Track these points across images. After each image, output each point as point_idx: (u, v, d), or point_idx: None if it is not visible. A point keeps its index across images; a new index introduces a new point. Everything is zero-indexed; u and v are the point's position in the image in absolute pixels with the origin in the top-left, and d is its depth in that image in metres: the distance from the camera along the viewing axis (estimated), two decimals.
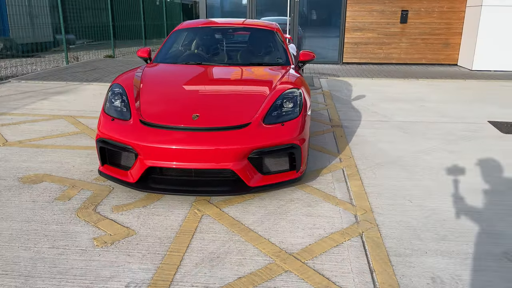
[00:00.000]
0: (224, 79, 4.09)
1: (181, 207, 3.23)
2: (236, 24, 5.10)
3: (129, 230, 2.90)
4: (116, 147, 3.32)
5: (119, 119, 3.42)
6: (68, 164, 4.08)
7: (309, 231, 2.90)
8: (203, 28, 5.13)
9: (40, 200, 3.32)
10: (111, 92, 3.69)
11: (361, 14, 11.18)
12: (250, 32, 5.12)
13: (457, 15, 11.05)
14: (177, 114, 3.37)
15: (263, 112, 3.40)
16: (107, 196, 3.40)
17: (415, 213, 3.17)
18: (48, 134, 5.00)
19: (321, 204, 3.31)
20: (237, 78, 4.10)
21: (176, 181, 3.29)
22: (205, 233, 2.88)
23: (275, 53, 4.76)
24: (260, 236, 2.84)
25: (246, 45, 5.00)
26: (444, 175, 3.89)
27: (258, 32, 5.06)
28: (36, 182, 3.64)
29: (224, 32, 5.13)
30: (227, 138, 3.15)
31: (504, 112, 6.32)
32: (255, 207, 3.26)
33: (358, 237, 2.84)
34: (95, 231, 2.88)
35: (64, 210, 3.16)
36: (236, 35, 5.16)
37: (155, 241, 2.76)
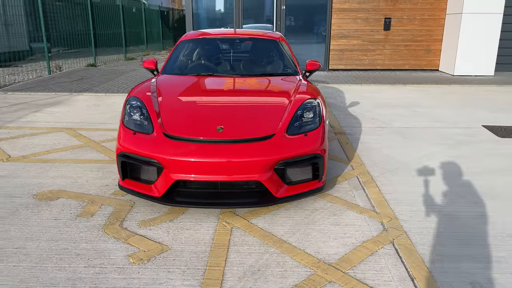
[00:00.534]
0: (241, 90, 4.10)
1: (208, 220, 3.22)
2: (242, 35, 5.13)
3: (162, 245, 2.87)
4: (139, 161, 3.29)
5: (141, 133, 3.38)
6: (81, 179, 4.00)
7: (342, 241, 2.95)
8: (210, 38, 5.14)
9: (62, 217, 3.24)
10: (129, 105, 3.65)
11: (346, 21, 11.40)
12: (257, 42, 5.16)
13: (437, 23, 11.41)
14: (201, 126, 3.36)
15: (285, 123, 3.43)
16: (130, 211, 3.36)
17: (438, 219, 3.26)
18: (52, 148, 4.88)
19: (345, 212, 3.36)
20: (254, 89, 4.12)
21: (202, 193, 3.28)
22: (239, 246, 2.88)
23: (283, 62, 4.81)
24: (295, 247, 2.87)
25: (254, 55, 5.03)
26: (455, 180, 4.02)
27: (265, 42, 5.11)
28: (52, 199, 3.56)
29: (231, 42, 5.16)
30: (254, 150, 3.17)
31: (494, 116, 6.56)
32: (282, 217, 3.28)
33: (390, 244, 2.90)
34: (128, 247, 2.84)
35: (90, 227, 3.11)
36: (242, 45, 5.19)
37: (192, 256, 2.75)
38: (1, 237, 2.95)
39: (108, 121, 6.14)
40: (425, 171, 4.24)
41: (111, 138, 5.30)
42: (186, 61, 4.91)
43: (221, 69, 4.73)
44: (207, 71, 4.65)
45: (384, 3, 11.25)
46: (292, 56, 4.92)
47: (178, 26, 27.36)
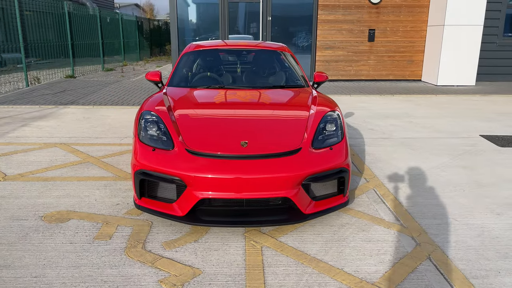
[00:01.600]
0: (257, 103, 3.99)
1: (235, 239, 3.08)
2: (248, 46, 5.04)
3: (193, 269, 2.71)
4: (160, 179, 3.12)
5: (160, 149, 3.22)
6: (89, 198, 3.78)
7: (378, 258, 2.86)
8: (215, 50, 5.01)
9: (78, 240, 3.03)
10: (144, 120, 3.48)
11: (331, 32, 11.50)
12: (264, 53, 5.07)
13: (419, 34, 11.67)
14: (225, 141, 3.23)
15: (310, 136, 3.34)
16: (150, 232, 3.17)
17: (467, 232, 3.23)
18: (49, 165, 4.62)
19: (373, 227, 3.28)
20: (270, 102, 4.02)
21: (226, 211, 3.14)
22: (274, 267, 2.75)
23: (293, 74, 4.74)
24: (332, 266, 2.76)
25: (262, 67, 4.94)
26: (471, 191, 4.02)
27: (272, 54, 5.03)
28: (63, 221, 3.33)
29: (238, 53, 5.05)
30: (282, 165, 3.06)
31: (487, 126, 6.69)
32: (311, 235, 3.17)
33: (427, 260, 2.83)
34: (157, 272, 2.66)
35: (111, 250, 2.91)
36: (249, 57, 5.09)
37: (227, 279, 2.60)
38: (16, 265, 2.71)
39: (103, 135, 5.90)
40: (439, 183, 4.23)
41: (110, 153, 5.08)
42: (193, 73, 4.76)
43: (231, 81, 4.61)
44: (217, 84, 4.52)
45: (368, 15, 11.43)
46: (300, 67, 4.86)
47: (153, 37, 27.05)
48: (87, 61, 15.81)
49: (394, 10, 11.42)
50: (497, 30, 11.51)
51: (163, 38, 28.96)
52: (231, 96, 4.12)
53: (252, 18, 11.57)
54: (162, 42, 28.53)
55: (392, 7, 11.39)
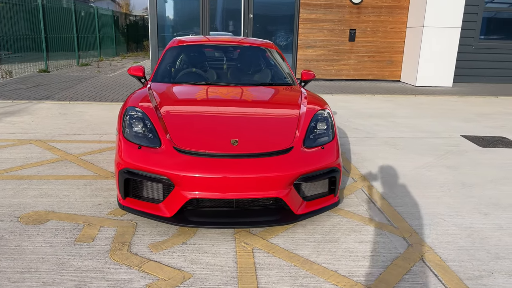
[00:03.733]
0: (246, 100, 3.88)
1: (225, 241, 2.97)
2: (234, 42, 4.92)
3: (183, 272, 2.59)
4: (146, 178, 2.99)
5: (147, 147, 3.08)
6: (68, 197, 3.60)
7: (371, 259, 2.81)
8: (202, 45, 4.88)
9: (58, 243, 2.86)
10: (129, 116, 3.33)
11: (313, 31, 11.49)
12: (251, 50, 4.97)
13: (398, 35, 11.79)
14: (214, 140, 3.12)
15: (301, 135, 3.27)
16: (135, 233, 3.04)
17: (456, 232, 3.22)
18: (25, 163, 4.40)
19: (364, 228, 3.24)
20: (259, 99, 3.92)
21: (215, 212, 3.03)
22: (267, 269, 2.66)
23: (281, 72, 4.66)
24: (326, 268, 2.69)
25: (249, 64, 4.84)
26: (456, 191, 4.03)
27: (259, 51, 4.93)
28: (41, 222, 3.15)
29: (225, 50, 4.93)
30: (274, 164, 2.97)
31: (467, 126, 6.78)
32: (302, 236, 3.10)
33: (420, 261, 2.80)
34: (144, 276, 2.53)
35: (94, 253, 2.76)
36: (235, 53, 4.97)
37: (219, 284, 2.50)
38: None
39: (80, 132, 5.68)
40: (426, 183, 4.23)
41: (90, 151, 4.88)
42: (178, 68, 4.62)
43: (218, 77, 4.49)
44: (203, 80, 4.39)
45: (349, 15, 11.47)
46: (287, 64, 4.78)
47: (130, 32, 26.51)
48: (61, 55, 15.31)
49: (375, 11, 11.50)
50: (474, 33, 11.75)
51: (140, 34, 28.44)
52: (218, 93, 4.00)
53: (233, 16, 11.44)
54: (139, 38, 28.01)
55: (372, 8, 11.47)
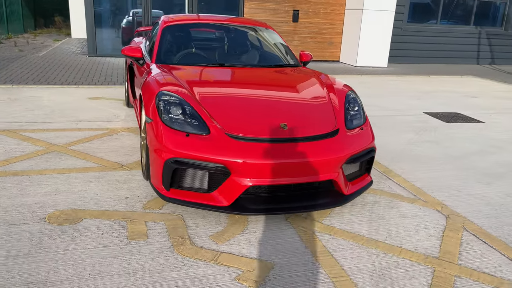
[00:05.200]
0: (275, 83, 3.76)
1: (282, 227, 2.94)
2: (232, 21, 4.72)
3: (263, 261, 2.52)
4: (198, 167, 2.82)
5: (194, 134, 2.89)
6: (86, 192, 3.27)
7: (424, 233, 2.97)
8: (201, 24, 4.61)
9: (111, 243, 2.61)
10: (163, 102, 3.08)
11: (257, 11, 11.44)
12: (250, 30, 4.81)
13: (338, 17, 12.23)
14: (263, 124, 3.02)
15: (341, 117, 3.30)
16: (188, 226, 2.87)
17: (477, 201, 3.52)
18: (8, 157, 3.87)
19: (399, 204, 3.40)
20: (286, 82, 3.83)
21: (268, 198, 2.97)
22: (340, 251, 2.69)
23: (285, 53, 4.60)
24: (392, 245, 2.80)
25: (255, 45, 4.69)
26: (452, 164, 4.37)
27: (260, 31, 4.79)
28: (75, 221, 2.83)
29: (226, 30, 4.70)
30: (326, 147, 2.98)
31: (421, 104, 7.33)
32: (349, 216, 3.17)
33: (465, 231, 3.03)
34: (226, 269, 2.42)
35: (158, 251, 2.56)
36: (236, 33, 4.78)
37: (304, 269, 2.47)
38: (54, 279, 2.24)
39: (49, 120, 5.12)
40: (422, 157, 4.53)
41: (75, 140, 4.43)
42: (183, 49, 4.33)
43: (227, 59, 4.31)
44: (215, 61, 4.19)
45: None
46: (287, 45, 4.74)
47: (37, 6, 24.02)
48: None
49: None
50: (403, 17, 12.58)
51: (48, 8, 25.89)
52: (242, 75, 3.85)
53: None
54: (48, 13, 25.50)
55: None
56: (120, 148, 4.27)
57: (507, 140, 5.34)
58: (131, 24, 11.44)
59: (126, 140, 4.51)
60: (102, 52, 10.90)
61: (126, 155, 4.09)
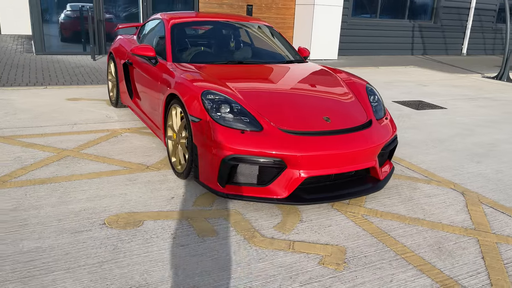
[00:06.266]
0: (299, 79, 3.91)
1: (332, 213, 3.14)
2: (235, 19, 4.77)
3: (336, 246, 2.71)
4: (256, 162, 2.93)
5: (249, 131, 2.99)
6: (128, 195, 3.23)
7: (452, 208, 3.33)
8: (206, 22, 4.61)
9: (186, 242, 2.65)
10: (209, 101, 3.13)
11: (213, 6, 11.43)
12: (255, 28, 4.89)
13: (289, 11, 12.58)
14: (309, 118, 3.19)
15: (369, 109, 3.56)
16: (248, 219, 2.97)
17: (479, 179, 3.97)
18: (23, 165, 3.67)
19: (418, 185, 3.75)
20: (308, 77, 3.99)
21: (319, 188, 3.15)
22: (394, 231, 2.95)
23: (290, 49, 4.76)
24: (433, 221, 3.12)
25: (263, 42, 4.78)
26: (441, 147, 4.84)
27: (265, 29, 4.88)
28: (136, 224, 2.82)
29: (233, 28, 4.73)
30: (367, 137, 3.22)
31: (387, 93, 7.88)
32: (383, 198, 3.45)
33: (483, 205, 3.44)
34: (306, 256, 2.58)
35: (235, 244, 2.65)
36: (243, 31, 4.83)
37: (375, 249, 2.70)
38: (154, 280, 2.26)
39: (39, 124, 4.85)
40: (414, 141, 4.96)
41: (82, 143, 4.28)
42: (194, 47, 4.32)
43: (243, 56, 4.38)
44: (232, 59, 4.26)
45: None
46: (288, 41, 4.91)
47: None
48: None
49: None
50: (347, 11, 13.25)
51: None
52: (263, 71, 3.96)
53: None
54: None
55: None
56: (133, 149, 4.20)
57: (473, 123, 5.98)
58: (70, 19, 10.90)
59: (134, 141, 4.43)
60: (50, 49, 10.29)
61: (144, 156, 4.04)
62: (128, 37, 5.44)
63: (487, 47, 17.26)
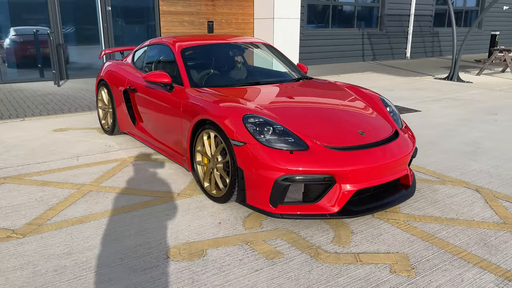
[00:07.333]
0: (320, 95, 4.03)
1: (376, 222, 3.29)
2: (238, 40, 4.83)
3: (398, 254, 2.86)
4: (306, 180, 3.03)
5: (296, 150, 3.08)
6: (176, 225, 3.19)
7: (476, 206, 3.61)
8: (214, 45, 4.62)
9: (259, 266, 2.67)
10: (251, 124, 3.18)
11: (175, 24, 11.37)
12: (256, 47, 4.96)
13: (248, 26, 12.79)
14: (347, 133, 3.34)
15: (390, 120, 3.77)
16: (304, 237, 3.04)
17: (484, 176, 4.31)
18: (50, 207, 3.50)
19: (435, 187, 4.01)
20: (324, 93, 4.13)
21: (363, 200, 3.28)
22: (438, 232, 3.15)
23: (294, 67, 4.89)
24: (466, 220, 3.36)
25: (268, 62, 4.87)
26: (435, 148, 5.18)
27: (267, 48, 4.97)
28: (202, 254, 2.80)
29: (239, 49, 4.78)
30: (400, 147, 3.41)
31: None
32: (413, 203, 3.66)
33: (500, 199, 3.76)
34: (376, 266, 2.71)
35: (306, 263, 2.72)
36: (248, 52, 4.88)
37: (433, 252, 2.88)
38: None
39: (37, 160, 4.62)
40: None
41: (96, 177, 4.14)
42: (206, 71, 4.33)
43: (255, 77, 4.45)
44: (247, 81, 4.32)
45: (206, 7, 11.79)
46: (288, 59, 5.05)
47: None
48: None
49: (226, 3, 12.14)
50: (303, 23, 13.71)
51: None
52: (284, 90, 4.06)
53: (87, 8, 10.28)
54: None
55: (224, 0, 12.07)
56: (153, 177, 4.13)
57: (450, 123, 6.44)
58: (16, 44, 10.39)
59: (150, 169, 4.35)
60: (6, 77, 9.74)
61: (168, 183, 3.99)
62: (120, 62, 5.33)
63: (427, 50, 18.49)
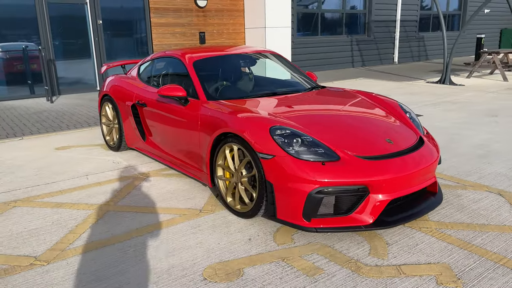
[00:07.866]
0: (340, 104, 3.97)
1: (409, 232, 3.23)
2: (247, 51, 4.76)
3: (438, 264, 2.79)
4: (342, 192, 2.95)
5: (328, 162, 3.00)
6: (205, 244, 3.07)
7: (504, 209, 3.58)
8: (226, 57, 4.53)
9: (302, 284, 2.58)
10: (279, 136, 3.10)
11: (166, 36, 11.27)
12: (265, 57, 4.89)
13: (239, 36, 12.76)
14: (375, 142, 3.28)
15: (413, 126, 3.73)
16: (339, 250, 2.96)
17: (501, 178, 4.30)
18: (69, 231, 3.34)
19: (458, 192, 3.96)
20: (342, 102, 4.07)
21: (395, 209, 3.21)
22: (474, 240, 3.10)
23: (304, 75, 4.83)
24: (498, 225, 3.32)
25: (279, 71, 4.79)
26: (449, 152, 5.17)
27: (276, 58, 4.90)
28: (239, 274, 2.69)
29: (251, 60, 4.69)
30: (427, 154, 3.37)
31: None
32: (440, 210, 3.60)
33: None
34: (421, 278, 2.63)
35: (349, 278, 2.63)
36: (259, 63, 4.80)
37: (474, 260, 2.82)
38: None
39: (46, 181, 4.45)
40: None
41: (111, 196, 3.99)
42: (220, 83, 4.23)
43: (271, 87, 4.36)
44: (263, 91, 4.22)
45: (197, 18, 11.73)
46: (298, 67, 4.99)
47: None
48: None
49: (218, 14, 12.10)
50: (293, 31, 13.75)
51: None
52: (303, 100, 3.99)
53: (78, 22, 10.10)
54: None
55: (215, 11, 12.03)
56: (170, 194, 4.00)
57: (454, 127, 6.46)
58: (4, 61, 10.17)
59: (164, 185, 4.22)
60: None
61: (188, 199, 3.86)
62: (125, 77, 5.20)
63: (414, 54, 18.74)
